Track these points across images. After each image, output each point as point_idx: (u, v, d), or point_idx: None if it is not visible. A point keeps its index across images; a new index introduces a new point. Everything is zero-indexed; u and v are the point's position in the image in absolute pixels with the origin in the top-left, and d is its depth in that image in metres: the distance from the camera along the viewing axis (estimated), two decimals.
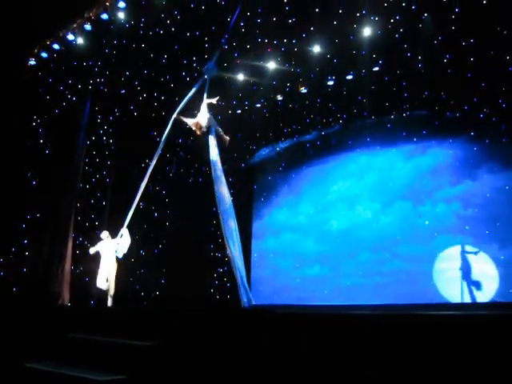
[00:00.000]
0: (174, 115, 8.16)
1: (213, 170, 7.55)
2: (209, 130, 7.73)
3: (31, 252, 9.15)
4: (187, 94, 8.38)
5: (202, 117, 7.70)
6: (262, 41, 9.66)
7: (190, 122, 7.77)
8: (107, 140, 10.80)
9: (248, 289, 7.08)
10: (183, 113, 8.25)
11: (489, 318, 4.22)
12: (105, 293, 8.33)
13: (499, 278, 8.95)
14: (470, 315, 4.73)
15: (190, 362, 4.99)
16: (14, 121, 9.44)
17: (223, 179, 7.59)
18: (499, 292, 8.89)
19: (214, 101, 7.88)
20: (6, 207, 8.96)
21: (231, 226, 7.30)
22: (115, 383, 4.80)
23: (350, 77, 10.67)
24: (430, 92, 10.19)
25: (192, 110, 8.39)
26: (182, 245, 11.58)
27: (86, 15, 9.06)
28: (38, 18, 9.00)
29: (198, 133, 7.68)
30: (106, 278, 8.17)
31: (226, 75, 10.47)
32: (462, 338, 3.90)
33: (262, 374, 4.48)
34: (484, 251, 9.29)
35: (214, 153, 7.61)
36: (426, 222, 10.13)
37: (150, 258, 11.23)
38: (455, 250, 9.62)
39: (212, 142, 7.68)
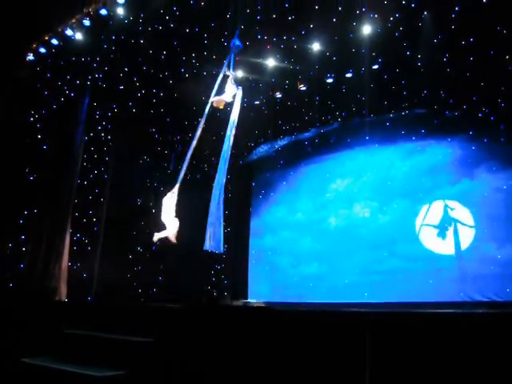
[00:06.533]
0: (211, 99, 7.39)
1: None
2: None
3: (28, 248, 9.11)
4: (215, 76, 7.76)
5: (229, 92, 7.34)
6: (262, 38, 9.63)
7: (216, 99, 7.32)
8: (105, 136, 10.75)
9: (216, 236, 7.05)
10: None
11: (487, 317, 4.23)
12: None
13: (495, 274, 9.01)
14: (467, 314, 4.75)
15: (188, 358, 4.99)
16: (12, 116, 9.39)
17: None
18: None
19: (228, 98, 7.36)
20: (3, 202, 8.92)
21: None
22: (114, 379, 4.79)
23: (349, 75, 10.64)
24: (429, 91, 10.19)
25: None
26: (179, 241, 11.54)
27: (84, 10, 9.01)
28: (36, 13, 8.95)
29: (221, 107, 7.41)
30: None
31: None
32: (459, 337, 3.91)
33: (260, 371, 4.48)
34: (482, 250, 9.33)
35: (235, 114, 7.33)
36: None
37: (147, 254, 11.19)
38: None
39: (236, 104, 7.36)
